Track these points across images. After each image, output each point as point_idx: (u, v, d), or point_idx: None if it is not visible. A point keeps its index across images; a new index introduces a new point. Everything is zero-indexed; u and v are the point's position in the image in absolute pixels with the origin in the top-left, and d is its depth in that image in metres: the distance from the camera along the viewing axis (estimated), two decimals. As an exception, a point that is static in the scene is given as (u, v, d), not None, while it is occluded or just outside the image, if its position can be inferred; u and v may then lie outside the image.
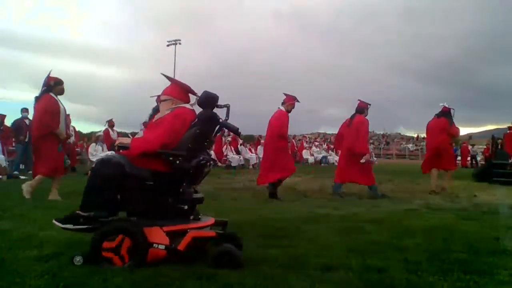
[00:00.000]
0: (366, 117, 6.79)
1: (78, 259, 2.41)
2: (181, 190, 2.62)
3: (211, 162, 2.89)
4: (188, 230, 2.53)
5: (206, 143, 2.81)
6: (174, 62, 38.29)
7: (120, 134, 16.01)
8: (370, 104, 6.85)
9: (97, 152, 10.72)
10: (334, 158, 24.03)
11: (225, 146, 16.20)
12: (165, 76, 3.04)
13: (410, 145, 44.89)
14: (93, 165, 2.81)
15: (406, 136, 53.08)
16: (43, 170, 5.40)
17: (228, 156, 15.76)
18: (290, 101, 6.41)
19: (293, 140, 25.22)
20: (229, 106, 2.89)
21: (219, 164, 15.26)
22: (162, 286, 2.13)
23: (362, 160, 6.53)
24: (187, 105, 2.89)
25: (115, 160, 2.61)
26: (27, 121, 10.73)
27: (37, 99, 5.44)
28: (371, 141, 49.52)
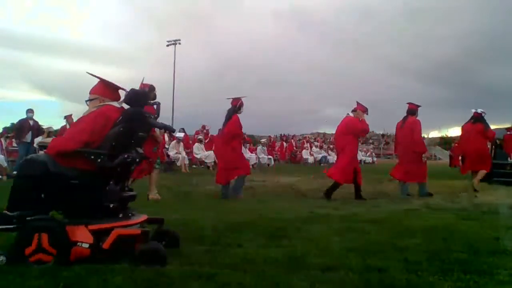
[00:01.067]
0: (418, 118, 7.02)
1: (1, 259, 2.42)
2: (107, 188, 2.64)
3: (139, 160, 2.85)
4: (114, 228, 2.53)
5: (133, 141, 2.78)
6: (174, 62, 38.30)
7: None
8: (420, 106, 7.13)
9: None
10: (334, 158, 24.07)
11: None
12: (91, 74, 3.01)
13: (410, 145, 44.75)
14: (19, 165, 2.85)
15: (406, 136, 52.95)
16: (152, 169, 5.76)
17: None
18: (361, 109, 6.51)
19: (292, 140, 25.24)
20: (158, 104, 2.90)
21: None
22: (162, 286, 2.13)
23: (424, 159, 6.86)
24: (115, 103, 2.87)
25: (39, 159, 2.63)
26: (31, 122, 10.73)
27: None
28: (370, 141, 49.59)
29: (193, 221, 4.00)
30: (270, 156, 19.07)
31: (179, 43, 38.13)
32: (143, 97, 2.83)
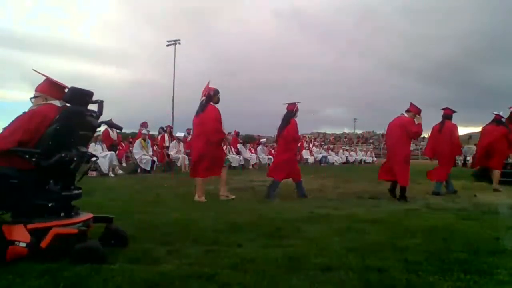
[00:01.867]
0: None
1: None
2: (47, 187, 2.65)
3: (80, 158, 2.84)
4: (52, 227, 2.53)
5: (73, 139, 2.77)
6: (174, 62, 38.33)
7: (120, 134, 16.05)
8: (456, 112, 7.53)
9: (96, 152, 10.70)
10: (333, 158, 24.11)
11: (225, 146, 16.19)
12: (37, 72, 3.00)
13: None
14: (92, 165, 2.85)
15: (406, 136, 52.97)
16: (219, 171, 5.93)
17: (228, 156, 15.75)
18: (415, 111, 6.51)
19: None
20: (100, 102, 2.91)
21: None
22: (162, 286, 2.14)
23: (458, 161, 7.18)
24: (56, 102, 2.87)
25: None
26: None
27: (201, 109, 5.73)
28: (370, 141, 49.61)
29: (193, 221, 4.01)
30: (270, 156, 19.08)
31: (179, 43, 38.22)
32: (83, 95, 2.84)
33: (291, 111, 6.43)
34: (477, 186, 8.11)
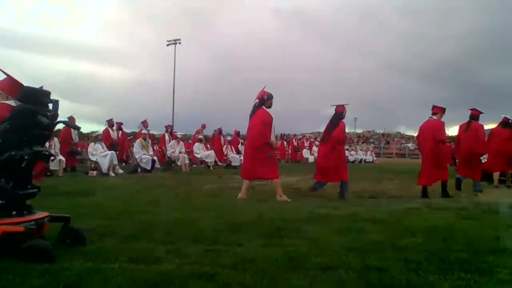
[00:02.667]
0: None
1: None
2: None
3: (32, 157, 2.84)
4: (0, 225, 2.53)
5: (25, 138, 2.77)
6: (174, 62, 38.34)
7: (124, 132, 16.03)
8: (483, 112, 7.88)
9: (96, 152, 10.70)
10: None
11: (225, 146, 16.21)
12: (1, 70, 3.03)
13: (410, 144, 44.88)
14: (93, 165, 2.86)
15: (406, 135, 53.09)
16: (273, 175, 5.91)
17: (228, 156, 15.76)
18: (441, 111, 6.85)
19: (294, 139, 25.24)
20: (55, 102, 2.93)
21: (219, 163, 15.28)
22: (162, 286, 2.14)
23: (483, 160, 7.74)
24: (11, 102, 2.91)
25: None
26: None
27: (252, 112, 5.81)
28: (370, 140, 49.59)
29: (193, 220, 4.01)
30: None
31: (179, 43, 38.25)
32: (37, 95, 2.86)
33: (340, 113, 6.50)
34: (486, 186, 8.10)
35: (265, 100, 5.83)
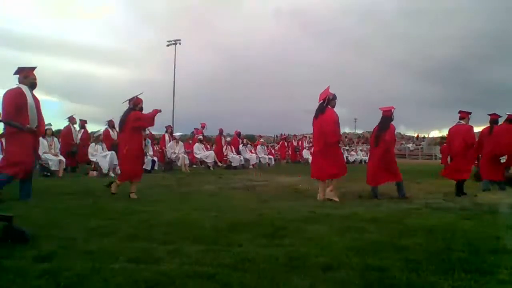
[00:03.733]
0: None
1: None
2: None
3: None
4: None
5: None
6: (174, 62, 38.33)
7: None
8: (500, 116, 8.26)
9: (96, 152, 10.70)
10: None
11: (225, 146, 16.21)
12: None
13: (410, 145, 44.90)
14: (93, 165, 2.86)
15: (406, 135, 53.07)
16: (338, 171, 6.06)
17: (228, 156, 15.76)
18: (467, 116, 7.32)
19: (293, 140, 25.24)
20: None
21: (220, 164, 15.28)
22: (162, 286, 2.13)
23: (502, 160, 7.85)
24: None
25: None
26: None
27: (321, 111, 6.02)
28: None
29: (193, 220, 4.00)
30: (270, 156, 19.08)
31: (179, 43, 38.18)
32: None
33: (389, 116, 6.68)
34: (477, 186, 8.09)
35: (330, 100, 6.06)
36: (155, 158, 12.27)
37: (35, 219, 3.93)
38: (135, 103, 6.07)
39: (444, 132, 55.63)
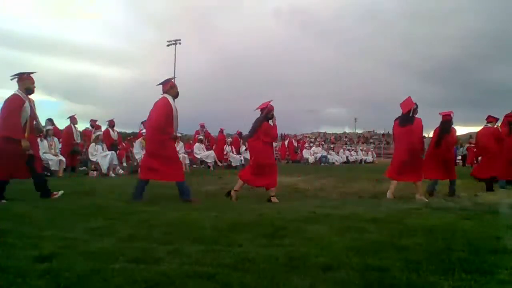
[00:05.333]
0: None
1: None
2: None
3: None
4: None
5: None
6: (174, 62, 38.36)
7: (121, 134, 16.07)
8: None
9: (97, 152, 10.70)
10: (334, 157, 24.12)
11: (226, 146, 16.22)
12: None
13: (410, 145, 44.68)
14: (93, 165, 2.85)
15: (406, 135, 52.91)
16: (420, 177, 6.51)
17: (229, 156, 15.76)
18: (496, 120, 8.05)
19: (293, 140, 25.25)
20: None
21: (220, 164, 15.28)
22: (162, 286, 2.13)
23: None
24: None
25: None
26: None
27: (410, 121, 6.34)
28: (371, 140, 49.57)
29: (193, 220, 4.00)
30: (270, 156, 19.05)
31: (179, 43, 38.24)
32: None
33: (449, 120, 7.08)
34: (478, 186, 8.09)
35: (415, 109, 6.44)
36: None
37: (35, 219, 3.93)
38: (268, 111, 5.98)
39: (444, 132, 55.63)
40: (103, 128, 13.25)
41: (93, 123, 13.49)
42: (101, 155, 10.55)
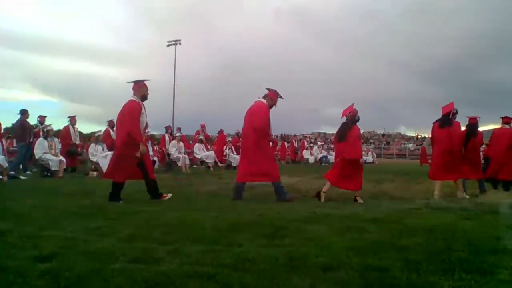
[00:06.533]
0: None
1: None
2: None
3: None
4: None
5: None
6: (174, 62, 38.38)
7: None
8: None
9: (97, 152, 10.70)
10: (334, 157, 24.09)
11: (225, 146, 16.21)
12: None
13: (410, 145, 44.92)
14: (93, 165, 2.85)
15: (407, 135, 53.07)
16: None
17: (228, 157, 15.76)
18: (511, 121, 8.21)
19: (294, 140, 25.25)
20: None
21: (219, 164, 15.28)
22: (162, 286, 2.13)
23: None
24: None
25: None
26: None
27: (449, 124, 6.74)
28: (371, 140, 49.60)
29: (193, 221, 4.00)
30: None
31: (179, 43, 38.25)
32: None
33: (476, 124, 7.41)
34: (477, 186, 8.09)
35: (454, 113, 6.82)
36: (156, 158, 12.27)
37: (35, 219, 3.93)
38: (353, 115, 6.25)
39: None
40: (103, 128, 13.23)
41: (41, 119, 13.15)
42: (101, 155, 10.55)
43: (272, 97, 6.11)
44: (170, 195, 5.85)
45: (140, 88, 5.64)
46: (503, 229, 3.83)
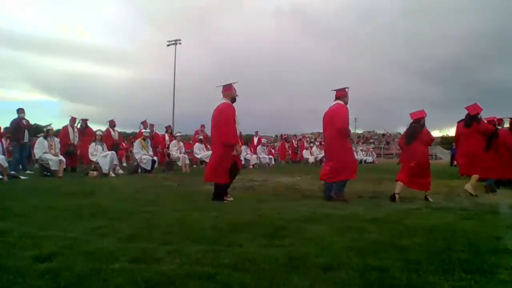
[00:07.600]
0: None
1: None
2: None
3: None
4: None
5: None
6: (174, 62, 38.38)
7: (121, 134, 16.07)
8: None
9: (97, 152, 10.70)
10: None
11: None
12: None
13: (410, 145, 44.67)
14: (94, 165, 2.85)
15: (407, 135, 52.87)
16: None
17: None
18: None
19: (293, 140, 25.24)
20: None
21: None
22: (162, 286, 2.13)
23: None
24: None
25: None
26: (24, 122, 10.80)
27: (471, 124, 6.97)
28: (371, 140, 49.60)
29: (193, 221, 4.01)
30: (271, 156, 19.09)
31: (179, 43, 38.27)
32: None
33: (498, 124, 7.98)
34: (478, 186, 8.09)
35: (476, 114, 7.04)
36: (155, 158, 12.27)
37: (35, 219, 3.94)
38: (418, 119, 6.36)
39: (444, 132, 55.74)
40: (103, 128, 13.24)
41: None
42: (101, 155, 10.55)
43: (345, 94, 6.32)
44: (231, 198, 5.92)
45: (229, 91, 5.86)
46: (503, 229, 3.83)
